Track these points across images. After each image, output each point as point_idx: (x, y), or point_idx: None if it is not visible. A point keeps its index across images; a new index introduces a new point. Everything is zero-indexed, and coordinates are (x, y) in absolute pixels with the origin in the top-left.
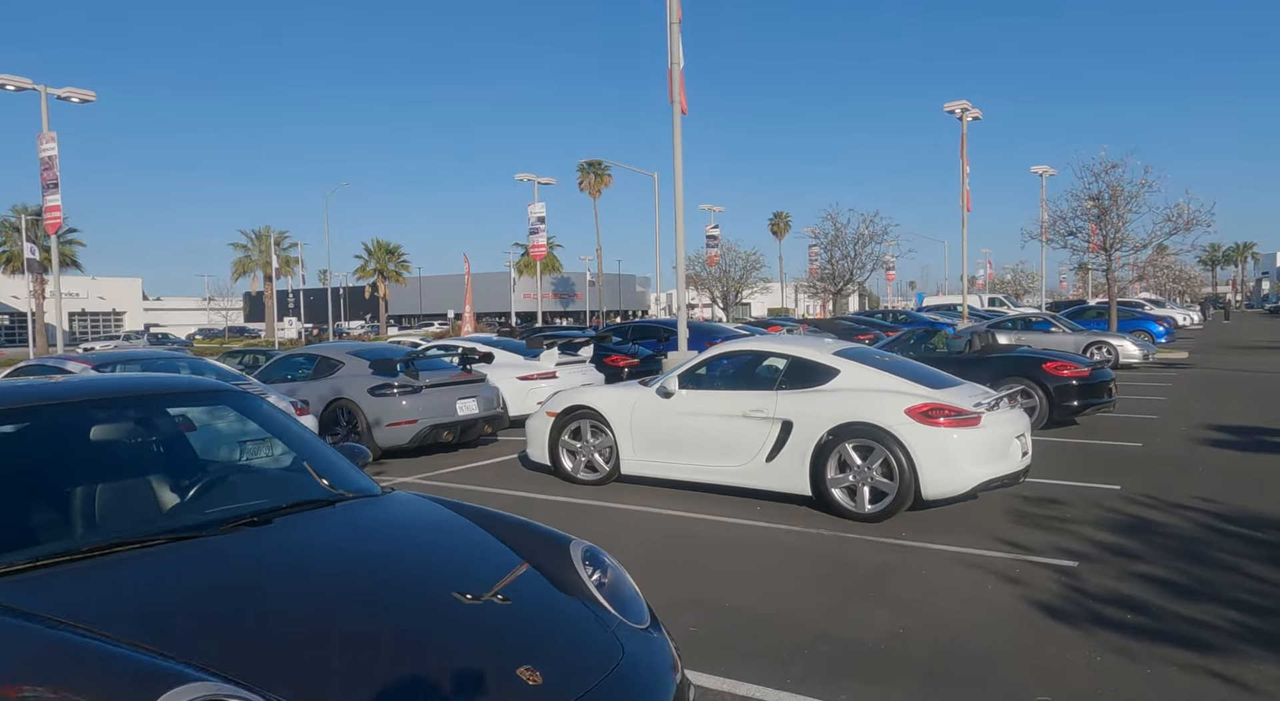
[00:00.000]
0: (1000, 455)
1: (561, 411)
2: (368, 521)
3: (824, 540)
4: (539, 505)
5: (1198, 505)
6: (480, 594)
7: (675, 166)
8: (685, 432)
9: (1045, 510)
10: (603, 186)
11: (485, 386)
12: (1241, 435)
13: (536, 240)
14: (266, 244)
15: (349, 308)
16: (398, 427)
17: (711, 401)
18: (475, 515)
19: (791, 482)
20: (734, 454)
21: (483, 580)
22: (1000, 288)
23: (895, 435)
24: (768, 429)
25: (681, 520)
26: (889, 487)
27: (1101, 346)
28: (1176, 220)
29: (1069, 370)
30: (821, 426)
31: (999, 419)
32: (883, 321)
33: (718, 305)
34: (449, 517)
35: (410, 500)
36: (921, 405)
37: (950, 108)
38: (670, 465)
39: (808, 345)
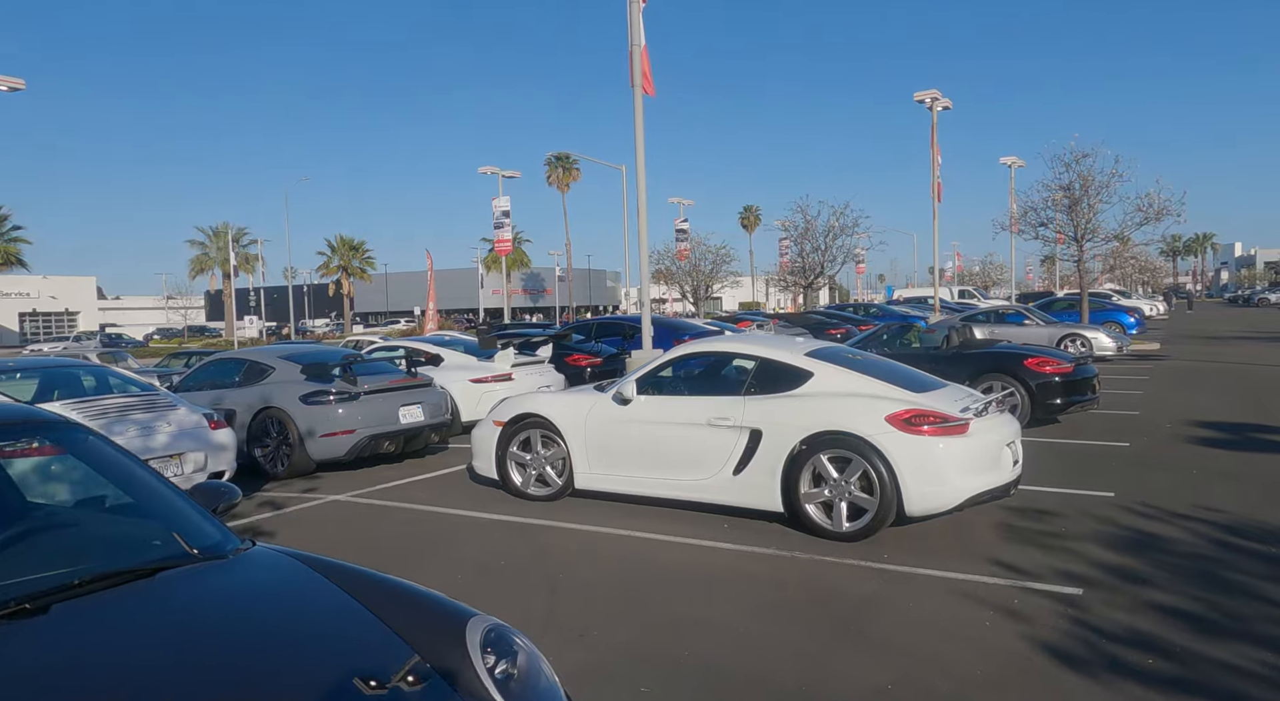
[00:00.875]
0: (990, 465)
1: (509, 420)
2: (196, 603)
3: (798, 565)
4: (482, 525)
5: (1200, 515)
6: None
7: (637, 152)
8: (644, 443)
9: (1037, 523)
10: (571, 180)
11: (431, 391)
12: (1228, 432)
13: (501, 235)
14: (224, 241)
15: (314, 305)
16: (333, 438)
17: (672, 408)
18: (353, 583)
19: (761, 498)
20: (698, 466)
21: (352, 692)
22: (969, 280)
23: (875, 445)
24: (734, 439)
25: (639, 543)
26: (868, 504)
27: (1075, 339)
28: (1147, 210)
29: (1051, 366)
30: (793, 436)
31: (988, 425)
32: (854, 315)
33: (688, 300)
34: (317, 589)
35: (271, 563)
36: (903, 411)
37: (920, 97)
38: (628, 479)
39: (777, 345)
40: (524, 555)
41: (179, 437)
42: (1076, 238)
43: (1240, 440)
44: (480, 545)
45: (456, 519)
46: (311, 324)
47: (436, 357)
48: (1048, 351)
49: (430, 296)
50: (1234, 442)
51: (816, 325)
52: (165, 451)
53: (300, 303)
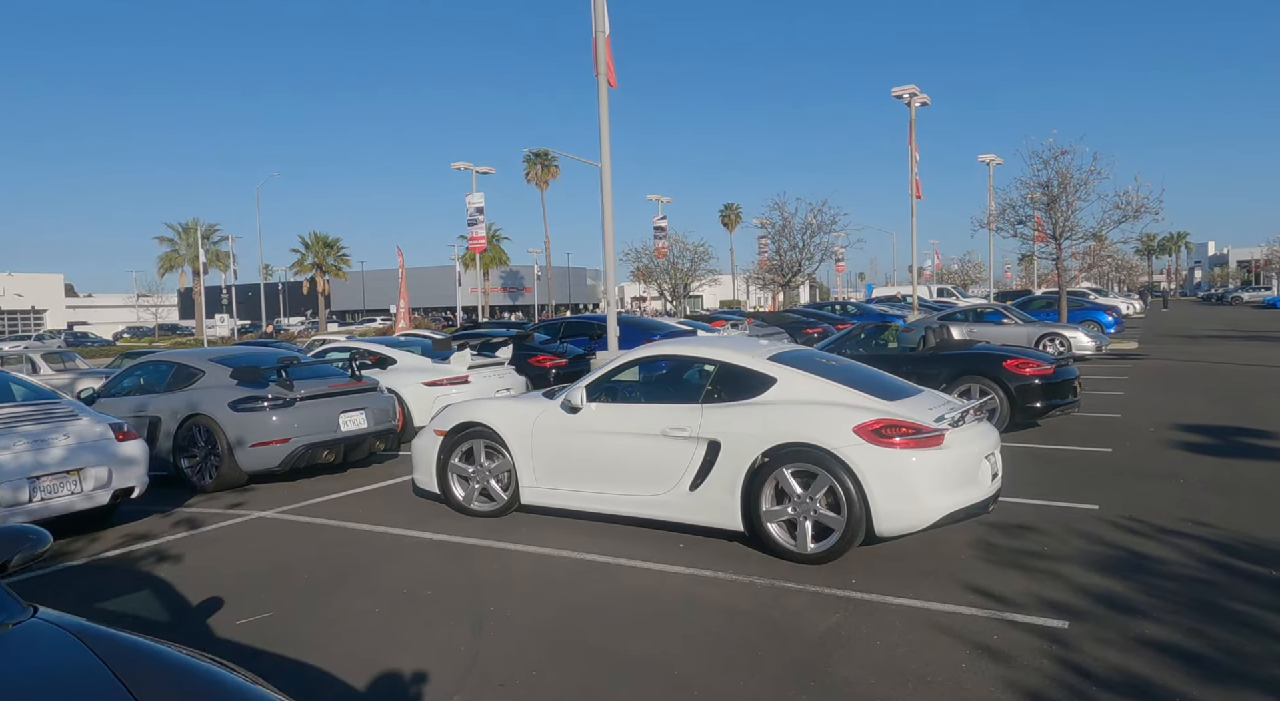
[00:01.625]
0: (968, 480)
1: (450, 429)
2: None
3: (757, 593)
4: (415, 547)
5: (1191, 530)
6: None
7: (602, 143)
8: (594, 455)
9: (1018, 541)
10: (550, 177)
11: (377, 396)
12: (1213, 436)
13: (476, 232)
14: (194, 237)
15: (289, 303)
16: (265, 448)
17: (624, 417)
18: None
19: (720, 515)
20: (651, 481)
21: None
22: (947, 278)
23: (842, 459)
24: (691, 451)
25: (584, 567)
26: (835, 523)
27: (1054, 338)
28: (1125, 207)
29: (1032, 368)
30: (754, 448)
31: (966, 436)
32: (832, 314)
33: (666, 298)
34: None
35: (43, 643)
36: (873, 422)
37: (898, 92)
38: (577, 494)
39: (738, 348)
40: (455, 582)
41: (78, 451)
42: (1055, 235)
43: (1226, 446)
44: (409, 570)
45: (389, 539)
46: (287, 322)
47: (389, 359)
48: (1028, 353)
49: (402, 294)
50: (1220, 448)
51: (793, 324)
52: (60, 467)
53: (275, 301)
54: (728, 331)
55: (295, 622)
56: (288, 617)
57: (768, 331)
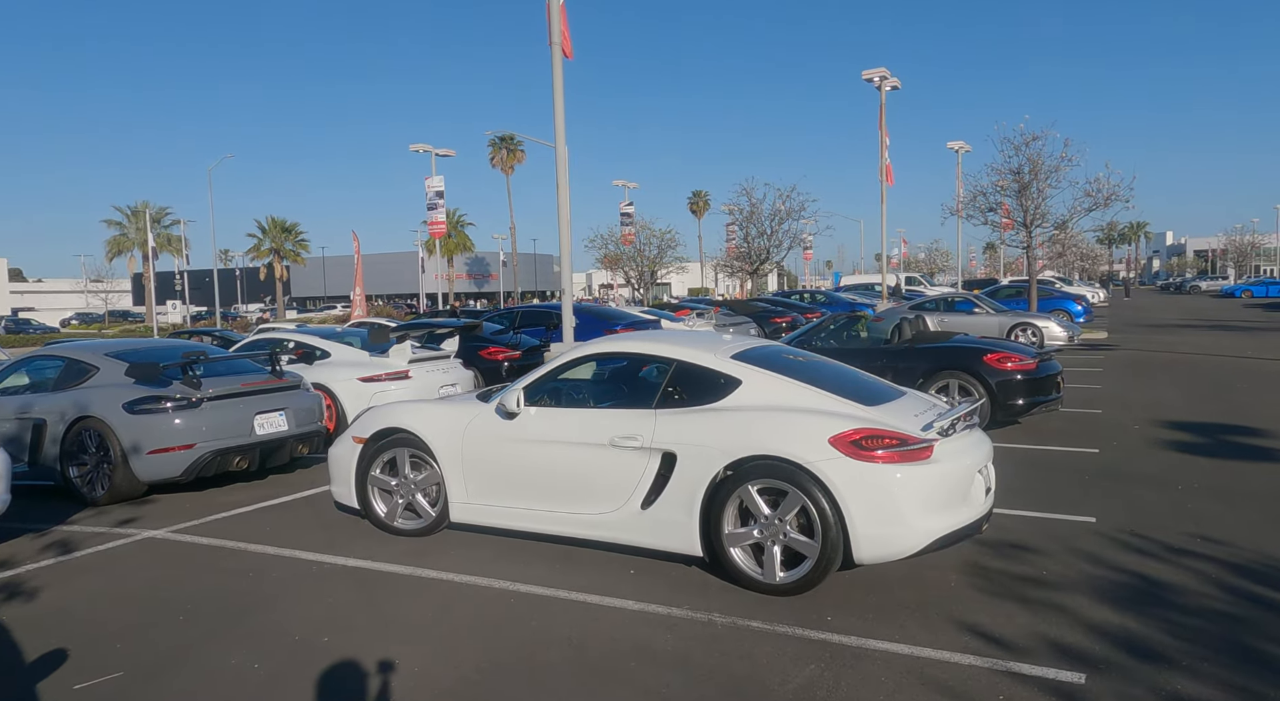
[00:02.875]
0: (959, 498)
1: (371, 436)
2: None
3: (717, 636)
4: (322, 577)
5: (1201, 548)
6: None
7: (556, 119)
8: (533, 467)
9: (1014, 564)
10: (515, 162)
11: (300, 394)
12: (1202, 435)
13: (435, 217)
14: (143, 221)
15: (247, 290)
16: (165, 455)
17: (567, 424)
18: None
19: (676, 538)
20: (598, 497)
21: None
22: (914, 267)
23: (816, 474)
24: (643, 463)
25: (516, 602)
26: (808, 549)
27: (1026, 328)
28: (1096, 195)
29: (1014, 363)
30: (715, 461)
31: (957, 447)
32: (801, 302)
33: (633, 285)
34: None
35: None
36: (851, 432)
37: (869, 76)
38: (514, 511)
39: (697, 345)
40: (361, 626)
41: None
42: (1026, 223)
43: (1217, 445)
44: (310, 609)
45: (295, 567)
46: (245, 309)
47: (321, 352)
48: (1010, 346)
49: (357, 281)
50: (1211, 448)
51: (761, 313)
52: None
53: (232, 287)
54: (693, 321)
55: (149, 687)
56: (142, 679)
57: (735, 321)
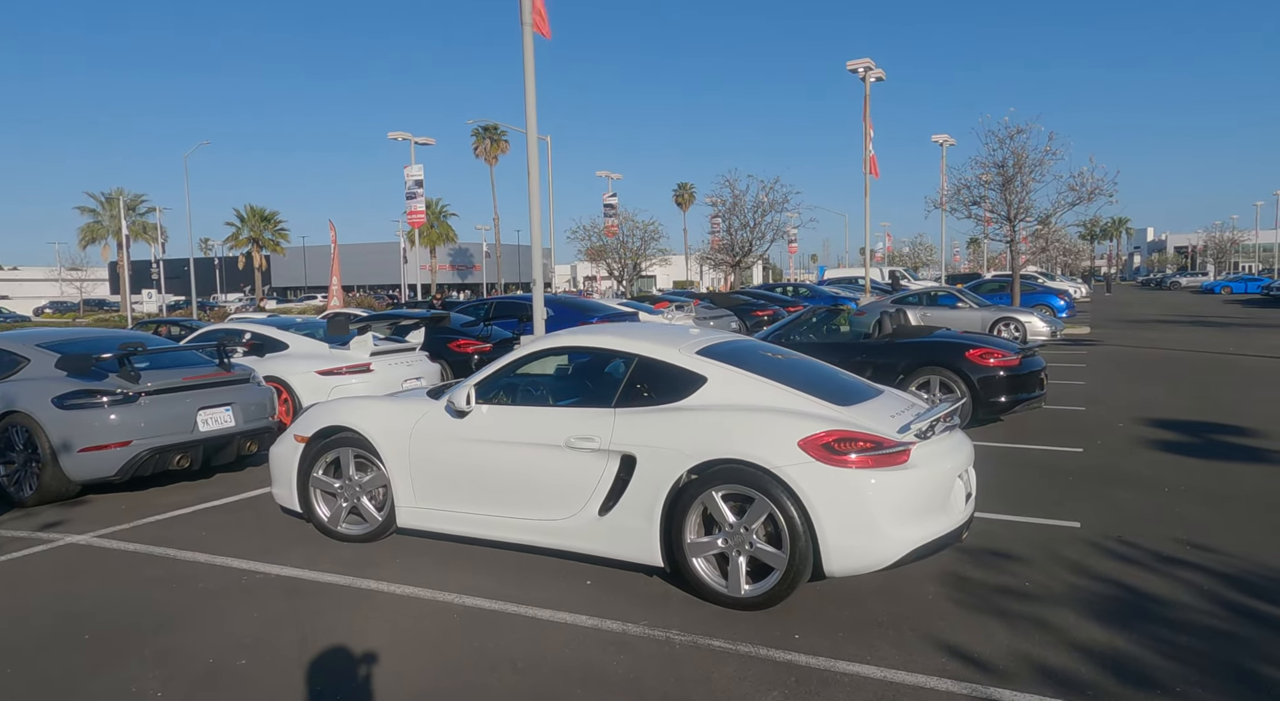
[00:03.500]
0: (938, 506)
1: (314, 435)
2: None
3: (674, 658)
4: (253, 589)
5: (1191, 557)
6: None
7: (528, 104)
8: (484, 469)
9: (994, 574)
10: (499, 153)
11: (249, 389)
12: (1188, 433)
13: (414, 206)
14: (117, 208)
15: (227, 279)
16: (99, 453)
17: (521, 423)
18: None
19: (635, 547)
20: (552, 502)
21: None
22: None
23: (784, 480)
24: (600, 466)
25: (464, 617)
26: (775, 559)
27: (1010, 323)
28: (1080, 189)
29: (996, 359)
30: (678, 464)
31: (936, 450)
32: (783, 296)
33: (614, 277)
34: None
35: None
36: (823, 434)
37: (853, 67)
38: (464, 516)
39: (661, 339)
40: (283, 645)
41: None
42: (1009, 217)
43: (1203, 444)
44: (232, 625)
45: (224, 576)
46: (224, 298)
47: (277, 344)
48: (992, 341)
49: (334, 271)
50: (1198, 448)
51: (743, 306)
52: None
53: (211, 276)
54: (672, 314)
55: None
56: None
57: (715, 314)
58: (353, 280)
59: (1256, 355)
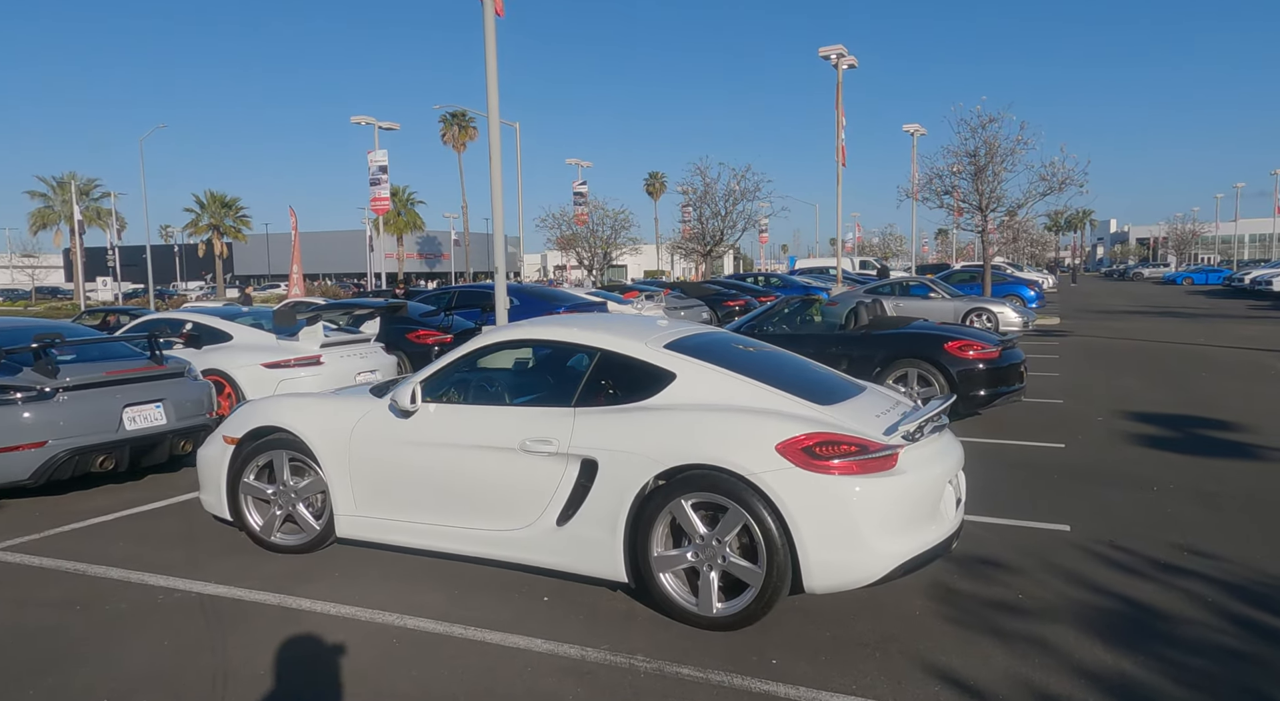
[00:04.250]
0: (928, 515)
1: (245, 435)
2: None
3: (638, 689)
4: (169, 609)
5: (1189, 564)
6: None
7: (489, 84)
8: (431, 474)
9: (986, 585)
10: (468, 139)
11: (183, 384)
12: (1170, 428)
13: (379, 192)
14: (69, 193)
15: (188, 267)
16: (11, 455)
17: (472, 424)
18: None
19: (597, 561)
20: (507, 511)
21: None
22: (869, 251)
23: (760, 488)
24: (558, 471)
25: (402, 641)
26: (751, 575)
27: (982, 314)
28: (1051, 179)
29: (976, 351)
30: (643, 470)
31: (926, 454)
32: (755, 286)
33: (584, 266)
34: None
35: None
36: (803, 437)
37: (825, 53)
38: (409, 526)
39: (626, 332)
40: (191, 681)
41: None
42: (981, 207)
43: (1186, 439)
44: (135, 656)
45: (138, 594)
46: (184, 287)
47: (220, 334)
48: (971, 333)
49: (295, 258)
50: (1181, 443)
51: (714, 296)
52: None
53: (171, 264)
54: (642, 304)
55: None
56: None
57: (686, 304)
58: (319, 268)
59: (1227, 346)
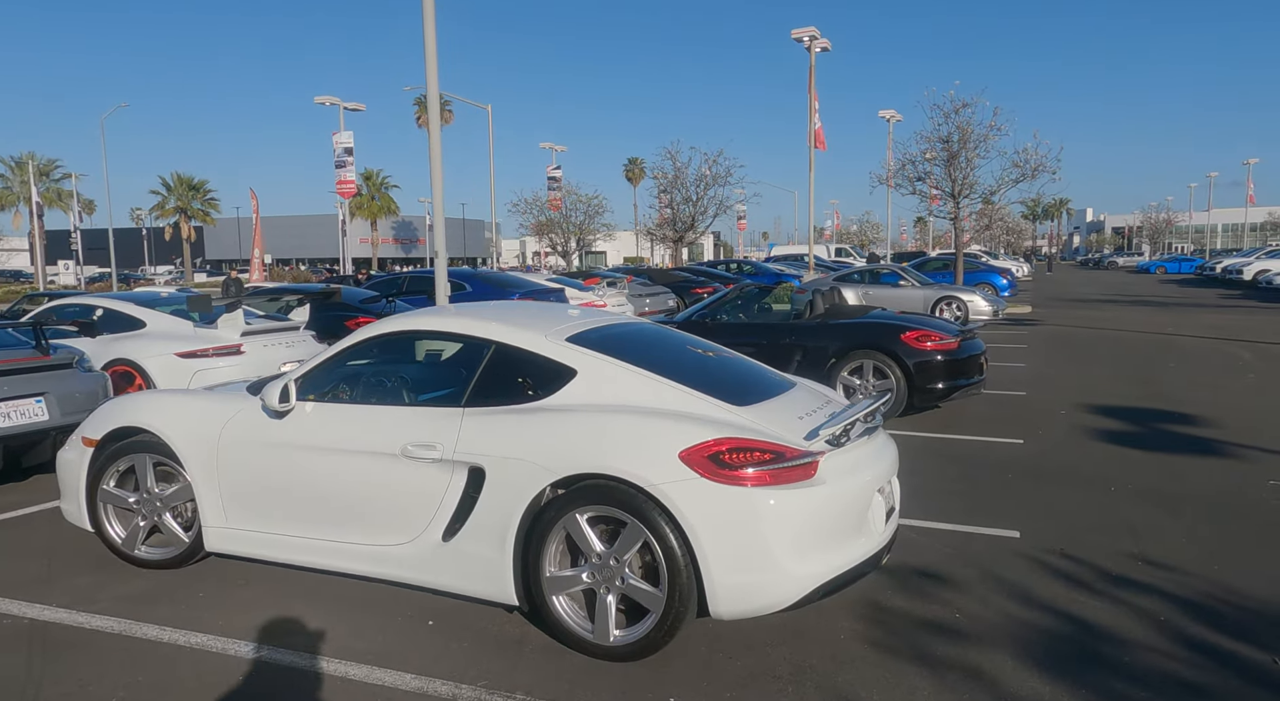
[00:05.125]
0: (851, 528)
1: (104, 438)
2: None
3: None
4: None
5: (1147, 577)
6: None
7: (426, 43)
8: (305, 483)
9: (920, 602)
10: (443, 123)
11: (70, 376)
12: (1132, 422)
13: (344, 175)
14: (28, 174)
15: (157, 251)
16: None
17: (351, 426)
18: None
19: (485, 581)
20: (387, 525)
21: None
22: (847, 238)
23: (661, 501)
24: (444, 480)
25: (258, 676)
26: (651, 599)
27: (952, 302)
28: (1024, 166)
29: (934, 341)
30: (535, 479)
31: (852, 461)
32: (726, 273)
33: (558, 253)
34: None
35: None
36: (711, 442)
37: (798, 35)
38: (283, 540)
39: (527, 322)
40: None
41: None
42: (953, 194)
43: (1148, 434)
44: None
45: None
46: (153, 271)
47: (133, 321)
48: (930, 322)
49: (255, 242)
50: (1144, 439)
51: (682, 283)
52: None
53: (139, 248)
54: (602, 291)
55: None
56: None
57: (652, 291)
58: (292, 253)
59: (1193, 335)
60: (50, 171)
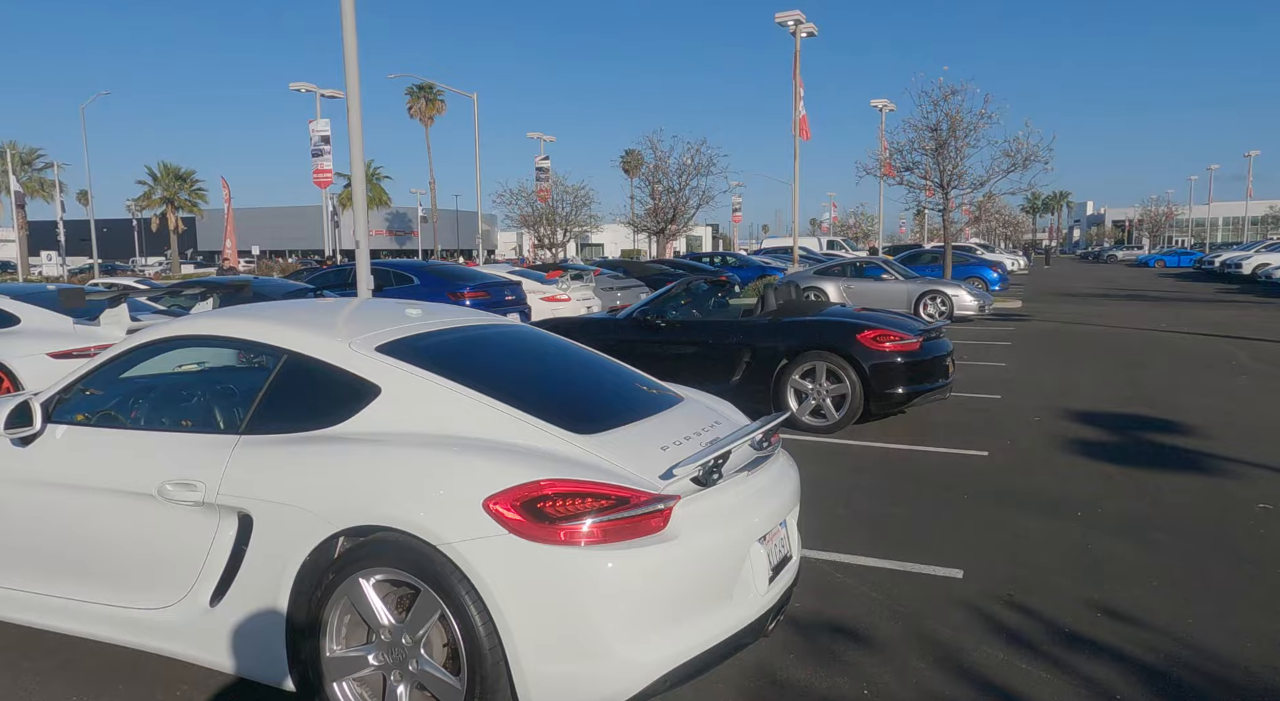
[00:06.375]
0: (717, 595)
1: None
2: None
3: None
4: None
5: (1105, 635)
6: None
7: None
8: (46, 526)
9: (824, 673)
10: (435, 113)
11: None
12: (1111, 431)
13: (321, 164)
14: (7, 162)
15: (147, 242)
16: None
17: (102, 458)
18: None
19: (254, 660)
20: (143, 583)
21: None
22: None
23: (457, 564)
24: (210, 529)
25: None
26: (447, 692)
27: (936, 297)
28: (1015, 156)
29: (893, 342)
30: (311, 531)
31: (720, 505)
32: (709, 266)
33: (544, 244)
34: None
35: None
36: (527, 486)
37: (781, 19)
38: (19, 597)
39: (333, 326)
40: None
41: None
42: (942, 184)
43: (1128, 446)
44: None
45: None
46: (143, 262)
47: (7, 317)
48: (891, 321)
49: (228, 233)
50: (1122, 452)
51: (659, 276)
52: None
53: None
54: (566, 284)
55: None
56: None
57: (624, 285)
58: (282, 244)
59: (1186, 332)
60: (32, 160)
